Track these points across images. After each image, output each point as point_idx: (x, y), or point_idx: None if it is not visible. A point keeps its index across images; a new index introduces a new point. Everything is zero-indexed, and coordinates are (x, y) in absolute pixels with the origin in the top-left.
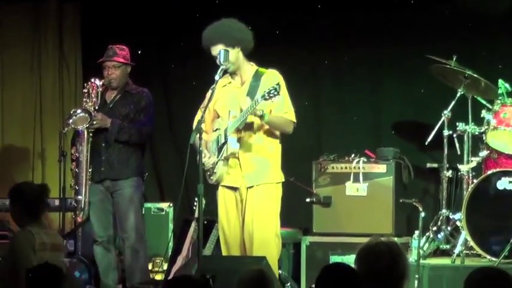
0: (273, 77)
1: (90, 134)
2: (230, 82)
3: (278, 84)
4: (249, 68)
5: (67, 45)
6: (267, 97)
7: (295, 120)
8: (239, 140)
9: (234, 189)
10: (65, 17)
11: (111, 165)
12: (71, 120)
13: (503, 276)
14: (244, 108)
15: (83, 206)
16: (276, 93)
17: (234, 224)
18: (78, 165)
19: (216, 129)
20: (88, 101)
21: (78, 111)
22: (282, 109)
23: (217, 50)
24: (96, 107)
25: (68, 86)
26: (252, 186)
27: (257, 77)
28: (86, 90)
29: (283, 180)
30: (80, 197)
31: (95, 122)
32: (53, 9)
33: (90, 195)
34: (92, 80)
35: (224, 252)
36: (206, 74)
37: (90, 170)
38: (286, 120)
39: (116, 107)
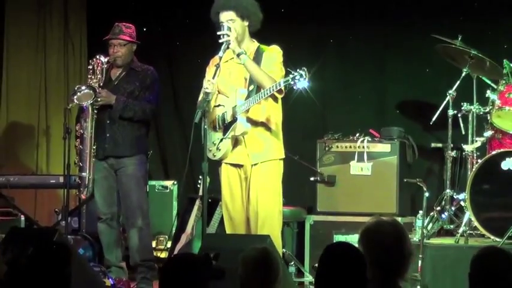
0: (273, 52)
1: (95, 111)
2: (232, 58)
3: (304, 70)
4: (251, 45)
5: (72, 23)
6: (292, 82)
7: (277, 81)
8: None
9: (239, 166)
10: None
11: (115, 142)
12: (75, 96)
13: (507, 255)
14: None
15: (86, 183)
16: (302, 78)
17: (238, 201)
18: (83, 142)
19: (219, 105)
20: (93, 77)
21: (83, 87)
22: (269, 66)
23: (226, 16)
24: (101, 84)
25: (72, 63)
26: (256, 164)
27: (258, 53)
28: (90, 67)
29: (285, 156)
30: (84, 173)
31: (99, 99)
32: None
33: (94, 172)
34: (97, 56)
35: (228, 229)
36: (211, 51)
37: (94, 147)
38: (266, 75)
39: (120, 84)
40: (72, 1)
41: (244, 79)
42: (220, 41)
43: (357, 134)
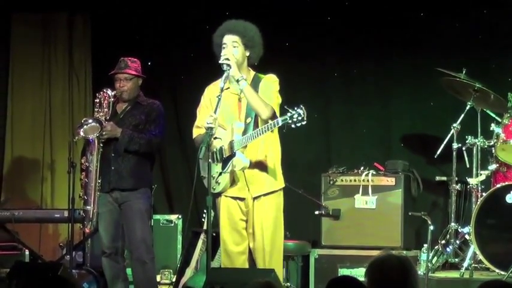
0: (270, 80)
1: (101, 144)
2: (228, 88)
3: (302, 108)
4: (248, 74)
5: (77, 57)
6: (290, 121)
7: (276, 110)
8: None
9: (239, 199)
10: (75, 29)
11: (120, 176)
12: (81, 129)
13: None
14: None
15: (91, 217)
16: (300, 118)
17: (238, 233)
18: (88, 175)
19: (216, 138)
20: (99, 110)
21: (90, 120)
22: (266, 94)
23: (231, 39)
24: (108, 117)
25: (77, 97)
26: (258, 197)
27: (255, 82)
28: (97, 100)
29: (284, 185)
30: (88, 207)
31: (105, 132)
32: (63, 21)
33: (98, 206)
34: (104, 90)
35: (225, 262)
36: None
37: (99, 181)
38: (264, 102)
39: (126, 117)
40: (76, 35)
41: (241, 111)
42: (220, 61)
43: (362, 168)
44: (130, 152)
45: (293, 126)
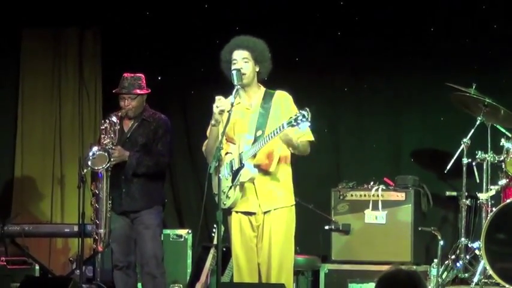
0: (284, 96)
1: (109, 172)
2: (239, 103)
3: (307, 110)
4: (258, 89)
5: (87, 72)
6: (294, 123)
7: (313, 139)
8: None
9: (250, 214)
10: (85, 44)
11: (131, 198)
12: (90, 162)
13: None
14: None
15: (103, 237)
16: (304, 119)
17: (251, 249)
18: (98, 201)
19: (227, 153)
20: (106, 137)
21: (96, 149)
22: (290, 113)
23: (242, 55)
24: (115, 142)
25: (87, 112)
26: (268, 211)
27: (267, 98)
28: (103, 127)
29: (295, 202)
30: (100, 230)
31: (112, 159)
32: (73, 36)
33: (110, 225)
34: (109, 118)
35: (236, 278)
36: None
37: (110, 202)
38: (307, 143)
39: (133, 135)
40: (87, 50)
41: (251, 124)
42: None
43: (372, 183)
44: (139, 174)
45: (298, 128)
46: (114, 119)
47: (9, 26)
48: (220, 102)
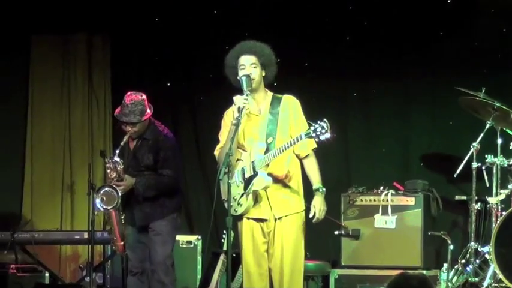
0: (291, 102)
1: (120, 210)
2: (247, 108)
3: (325, 121)
4: (265, 94)
5: (96, 78)
6: (313, 134)
7: (315, 146)
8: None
9: (262, 220)
10: (94, 50)
11: (145, 215)
12: (99, 205)
13: None
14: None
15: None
16: (324, 131)
17: (262, 256)
18: (111, 230)
19: (238, 160)
20: (112, 174)
21: (106, 190)
22: (299, 119)
23: (249, 60)
24: (122, 175)
25: (97, 118)
26: (280, 218)
27: (275, 103)
28: (108, 165)
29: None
30: (119, 243)
31: (121, 191)
32: (82, 42)
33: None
34: (113, 159)
35: (246, 284)
36: None
37: (122, 217)
38: (312, 152)
39: (138, 154)
40: (96, 56)
41: (262, 131)
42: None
43: (381, 187)
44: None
45: (316, 140)
46: (116, 158)
47: (18, 32)
48: (236, 100)
